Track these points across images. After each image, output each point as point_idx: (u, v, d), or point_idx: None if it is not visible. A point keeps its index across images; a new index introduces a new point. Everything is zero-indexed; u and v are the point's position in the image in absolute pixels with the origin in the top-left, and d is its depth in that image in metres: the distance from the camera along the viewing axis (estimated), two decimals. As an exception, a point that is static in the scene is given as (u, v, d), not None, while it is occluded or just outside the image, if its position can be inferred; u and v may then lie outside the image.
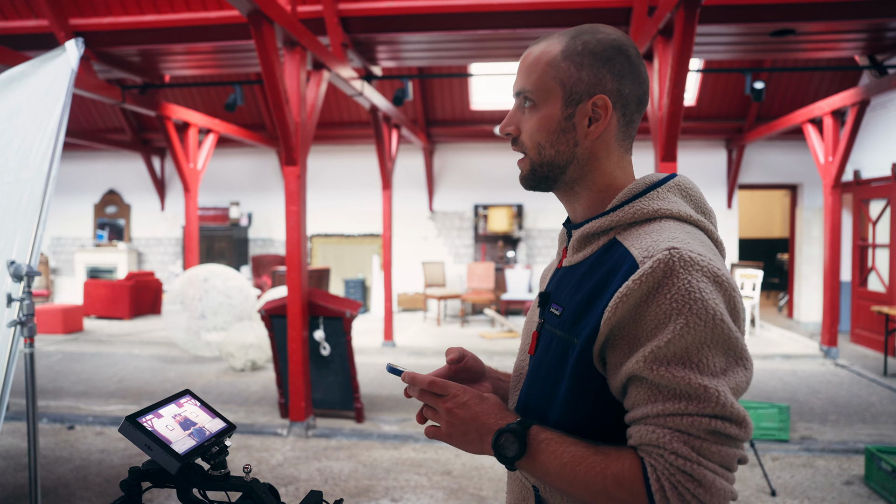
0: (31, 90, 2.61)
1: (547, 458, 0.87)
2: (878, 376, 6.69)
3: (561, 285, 1.02)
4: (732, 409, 0.79)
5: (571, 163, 0.99)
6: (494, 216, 10.73)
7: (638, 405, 0.84)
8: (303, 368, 4.88)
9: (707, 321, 0.80)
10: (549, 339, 0.99)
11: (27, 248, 2.32)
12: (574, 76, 0.96)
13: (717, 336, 0.81)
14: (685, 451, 0.78)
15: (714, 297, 0.81)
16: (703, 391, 0.79)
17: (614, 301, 0.84)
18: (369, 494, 3.87)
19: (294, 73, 4.89)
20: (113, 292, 10.66)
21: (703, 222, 0.95)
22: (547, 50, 0.98)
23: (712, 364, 0.81)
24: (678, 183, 0.99)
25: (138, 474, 1.05)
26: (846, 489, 3.94)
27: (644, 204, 0.94)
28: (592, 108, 0.96)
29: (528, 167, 1.02)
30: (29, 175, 2.46)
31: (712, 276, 0.82)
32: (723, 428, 0.79)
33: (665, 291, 0.81)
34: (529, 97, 0.99)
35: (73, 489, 3.93)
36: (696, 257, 0.82)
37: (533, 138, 1.00)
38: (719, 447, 0.79)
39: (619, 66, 0.96)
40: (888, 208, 7.93)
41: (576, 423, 0.91)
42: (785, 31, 5.84)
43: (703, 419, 0.79)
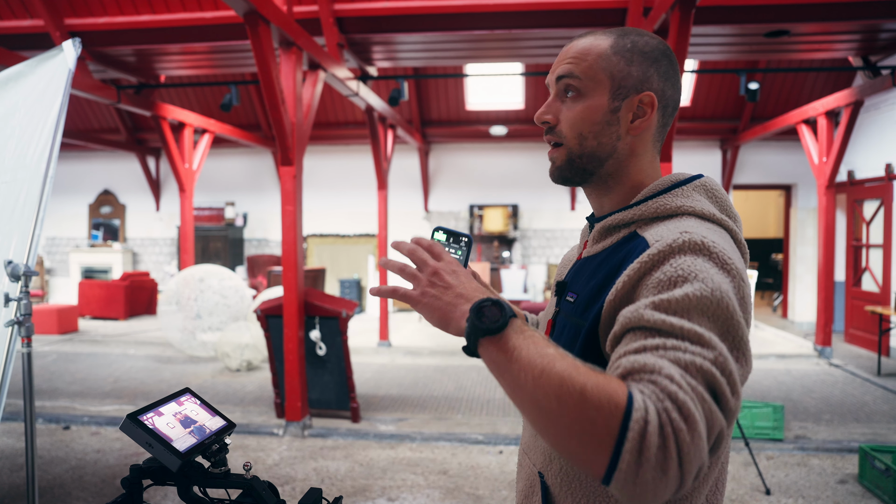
0: (28, 90, 2.61)
1: (524, 343, 0.75)
2: (872, 376, 6.72)
3: (578, 275, 1.03)
4: (733, 371, 0.71)
5: (611, 156, 0.98)
6: (490, 216, 10.74)
7: (631, 343, 0.75)
8: (299, 368, 4.88)
9: (711, 295, 0.75)
10: (563, 326, 1.00)
11: (24, 248, 2.32)
12: (624, 70, 0.96)
13: (717, 313, 0.75)
14: (679, 377, 0.68)
15: (721, 280, 0.77)
16: (707, 339, 0.72)
17: (620, 280, 0.84)
18: (366, 494, 3.87)
19: (290, 73, 4.89)
20: (108, 292, 10.63)
21: (727, 221, 0.93)
22: (595, 43, 0.98)
23: (704, 329, 0.74)
24: (704, 183, 0.99)
25: (139, 472, 1.06)
26: (840, 488, 3.97)
27: (667, 200, 0.94)
28: (638, 104, 0.97)
29: (565, 157, 1.00)
30: (26, 175, 2.46)
31: (721, 263, 0.80)
32: (719, 381, 0.69)
33: (671, 262, 0.79)
34: (575, 85, 0.98)
35: (69, 489, 3.92)
36: (708, 243, 0.81)
37: (575, 128, 0.98)
38: (710, 402, 0.68)
39: (665, 68, 0.98)
40: (882, 208, 7.98)
41: None
42: (779, 31, 5.87)
43: (704, 362, 0.70)
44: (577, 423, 0.67)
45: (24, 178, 2.47)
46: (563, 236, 11.00)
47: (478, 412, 5.51)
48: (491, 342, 0.77)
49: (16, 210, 2.45)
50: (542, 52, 7.02)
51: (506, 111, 10.29)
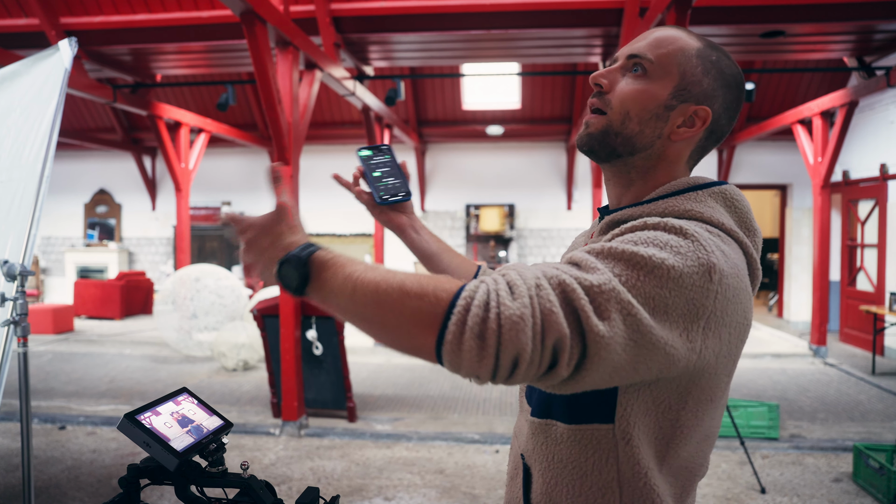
0: (24, 89, 2.61)
1: (335, 273, 0.79)
2: (867, 375, 6.76)
3: None
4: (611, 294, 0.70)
5: (645, 150, 0.95)
6: (486, 216, 10.75)
7: None
8: (295, 368, 4.88)
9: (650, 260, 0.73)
10: None
11: (20, 248, 2.31)
12: (697, 76, 0.94)
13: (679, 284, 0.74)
14: (528, 277, 0.70)
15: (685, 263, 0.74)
16: (592, 266, 0.73)
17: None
18: (362, 493, 3.87)
19: (286, 72, 4.89)
20: (104, 292, 10.60)
21: (739, 234, 0.88)
22: (685, 38, 0.95)
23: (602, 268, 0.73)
24: (723, 191, 0.93)
25: (137, 471, 1.06)
26: (835, 486, 3.99)
27: (678, 202, 0.90)
28: (692, 114, 0.94)
29: (602, 126, 0.96)
30: (22, 174, 2.45)
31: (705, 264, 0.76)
32: (578, 296, 0.69)
33: (647, 231, 0.80)
34: (644, 65, 0.94)
35: (64, 489, 3.91)
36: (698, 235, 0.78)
37: (625, 103, 0.94)
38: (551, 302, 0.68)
39: (733, 96, 0.96)
40: (876, 208, 8.01)
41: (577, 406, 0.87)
42: (775, 32, 5.88)
43: (570, 279, 0.70)
44: (403, 315, 0.71)
45: (20, 178, 2.47)
46: (560, 236, 11.01)
47: (474, 412, 5.51)
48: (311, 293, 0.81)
49: (11, 209, 2.45)
50: (538, 51, 7.04)
51: (502, 111, 10.30)
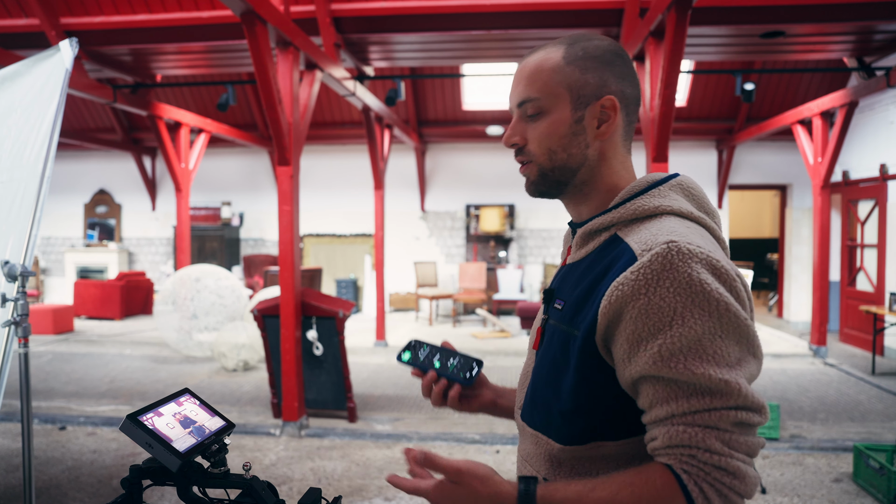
0: (25, 90, 2.61)
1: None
2: (867, 375, 6.76)
3: (564, 281, 1.03)
4: (754, 399, 0.80)
5: (583, 165, 1.00)
6: (486, 216, 10.74)
7: (657, 404, 0.83)
8: (295, 368, 4.88)
9: (713, 311, 0.80)
10: (553, 333, 1.00)
11: (21, 248, 2.31)
12: (581, 79, 0.97)
13: (727, 325, 0.81)
14: (717, 446, 0.79)
15: (717, 287, 0.81)
16: (724, 385, 0.79)
17: (610, 291, 0.85)
18: (362, 494, 3.87)
19: (287, 73, 4.89)
20: (103, 292, 10.60)
21: (705, 219, 0.95)
22: (547, 57, 0.99)
23: (728, 354, 0.81)
24: (680, 182, 1.00)
25: (139, 472, 1.06)
26: (835, 486, 3.99)
27: (645, 201, 0.95)
28: (601, 109, 0.98)
29: (537, 173, 1.01)
30: (22, 175, 2.45)
31: (711, 267, 0.82)
32: (747, 418, 0.80)
33: (666, 285, 0.81)
34: (535, 105, 0.99)
35: (65, 490, 3.91)
36: (694, 249, 0.82)
37: (542, 145, 0.99)
38: (745, 437, 0.80)
39: (620, 68, 0.99)
40: (876, 209, 8.01)
41: (585, 412, 0.92)
42: (775, 32, 5.89)
43: (730, 412, 0.79)
44: None
45: (20, 178, 2.47)
46: (560, 236, 11.01)
47: (474, 412, 5.50)
48: None
49: (12, 210, 2.45)
50: (538, 52, 7.02)
51: (502, 111, 10.30)
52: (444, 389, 1.11)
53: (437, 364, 1.12)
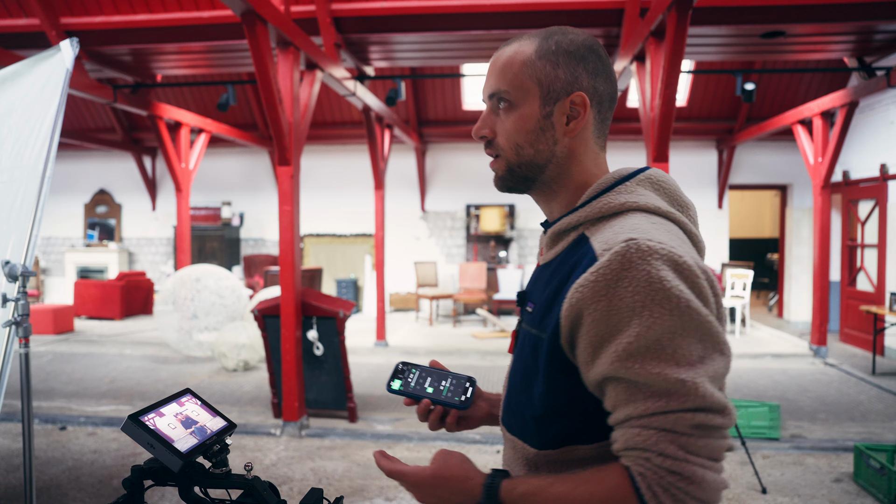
0: (26, 90, 2.61)
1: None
2: (867, 375, 6.75)
3: (536, 283, 1.02)
4: (713, 398, 0.77)
5: (551, 162, 0.98)
6: (486, 216, 10.74)
7: (618, 406, 0.82)
8: (296, 368, 4.88)
9: (673, 309, 0.78)
10: (525, 337, 0.99)
11: (22, 249, 2.31)
12: (551, 74, 0.95)
13: (687, 323, 0.79)
14: (672, 449, 0.77)
15: (677, 284, 0.79)
16: (681, 385, 0.77)
17: (571, 293, 0.84)
18: (363, 494, 3.87)
19: (287, 73, 4.89)
20: (104, 292, 10.60)
21: (674, 214, 0.93)
22: (519, 50, 0.97)
23: (688, 353, 0.78)
24: (649, 176, 0.98)
25: (141, 472, 1.06)
26: (835, 486, 3.99)
27: (611, 198, 0.93)
28: (570, 105, 0.96)
29: (505, 168, 1.01)
30: (23, 175, 2.45)
31: (673, 264, 0.80)
32: (706, 420, 0.77)
33: (625, 285, 0.79)
34: (505, 98, 0.98)
35: (65, 490, 3.91)
36: (654, 245, 0.80)
37: (510, 139, 0.98)
38: (706, 440, 0.78)
39: (593, 64, 0.97)
40: (876, 209, 8.01)
41: (557, 415, 0.91)
42: (775, 32, 5.89)
43: (687, 414, 0.77)
44: None
45: (21, 178, 2.47)
46: (560, 236, 10.99)
47: (475, 412, 5.50)
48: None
49: (13, 210, 2.45)
50: (538, 52, 7.02)
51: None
52: (441, 415, 1.10)
53: (429, 390, 1.09)
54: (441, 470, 0.93)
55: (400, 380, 1.11)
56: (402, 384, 1.10)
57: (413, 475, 0.94)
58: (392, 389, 1.10)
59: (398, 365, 1.13)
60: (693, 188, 10.50)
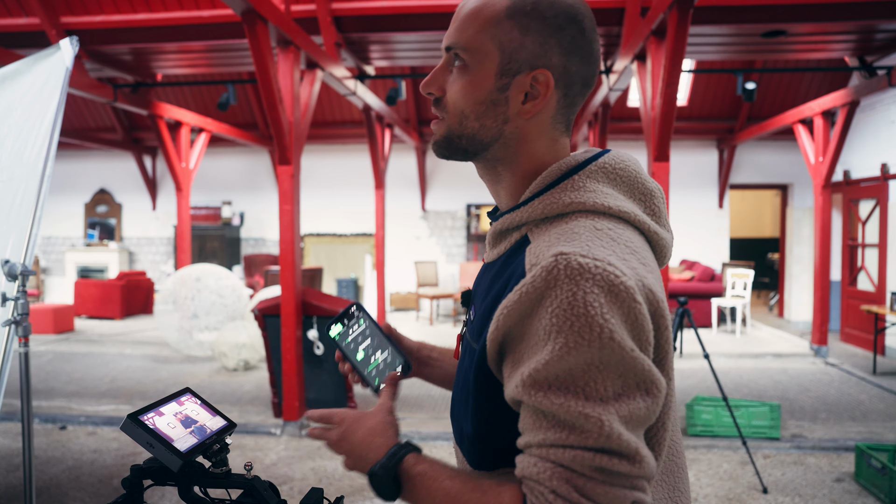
0: (25, 88, 2.60)
1: (419, 496, 0.80)
2: (868, 374, 6.75)
3: (479, 285, 0.93)
4: (619, 440, 0.67)
5: (497, 141, 0.85)
6: (487, 216, 10.73)
7: (524, 430, 0.73)
8: (296, 368, 4.87)
9: (593, 340, 0.67)
10: (466, 347, 0.91)
11: (21, 248, 2.31)
12: (516, 41, 0.80)
13: (606, 356, 0.68)
14: (565, 489, 0.67)
15: (605, 312, 0.67)
16: (583, 420, 0.67)
17: (497, 313, 0.74)
18: (363, 493, 3.87)
19: (288, 72, 4.89)
20: (104, 292, 10.60)
21: (628, 213, 0.80)
22: (490, 3, 0.82)
23: (601, 388, 0.68)
24: (603, 165, 0.84)
25: (140, 472, 1.05)
26: (836, 486, 3.98)
27: (556, 196, 0.80)
28: (532, 82, 0.82)
29: (444, 132, 0.87)
30: (23, 174, 2.45)
31: (607, 286, 0.68)
32: (609, 464, 0.67)
33: (547, 305, 0.69)
34: (461, 56, 0.83)
35: (65, 489, 3.91)
36: (587, 263, 0.69)
37: (456, 104, 0.84)
38: (606, 487, 0.67)
39: (570, 38, 0.81)
40: (877, 208, 8.00)
41: (486, 436, 0.82)
42: (776, 32, 5.88)
43: (587, 453, 0.67)
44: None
45: (20, 177, 2.46)
46: (560, 236, 10.99)
47: (475, 411, 5.50)
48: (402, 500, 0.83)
49: (13, 209, 2.44)
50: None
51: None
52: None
53: (359, 355, 0.99)
54: (367, 417, 0.90)
55: (343, 326, 1.00)
56: (341, 334, 1.00)
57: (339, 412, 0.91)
58: (329, 336, 0.99)
59: (352, 307, 1.02)
60: (693, 187, 10.50)
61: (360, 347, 0.99)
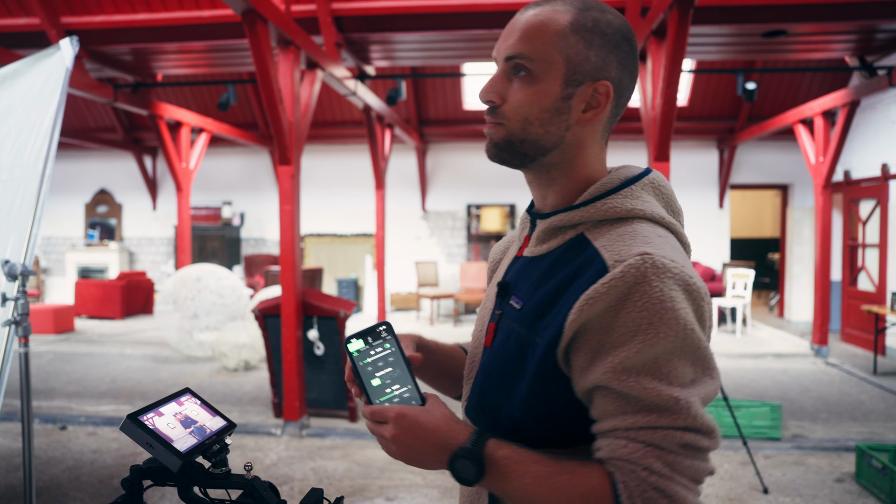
0: (25, 89, 2.60)
1: (507, 478, 0.82)
2: (868, 375, 6.75)
3: (522, 277, 0.97)
4: (703, 420, 0.77)
5: (557, 147, 0.92)
6: (487, 216, 10.74)
7: (606, 416, 0.81)
8: (297, 368, 4.87)
9: (678, 331, 0.77)
10: (508, 333, 0.94)
11: (21, 248, 2.31)
12: (581, 54, 0.88)
13: (686, 346, 0.78)
14: (658, 466, 0.76)
15: (685, 307, 0.78)
16: (673, 403, 0.76)
17: (580, 303, 0.80)
18: (364, 493, 3.87)
19: (288, 72, 4.89)
20: (104, 292, 10.60)
21: (675, 224, 0.91)
22: (553, 17, 0.88)
23: (682, 375, 0.78)
24: (652, 180, 0.95)
25: (140, 472, 1.05)
26: (837, 486, 3.98)
27: (618, 202, 0.89)
28: (593, 93, 0.89)
29: (504, 136, 0.92)
30: (23, 174, 2.45)
31: (684, 284, 0.79)
32: (694, 441, 0.77)
33: (636, 299, 0.77)
34: (526, 66, 0.89)
35: (65, 489, 3.91)
36: (668, 264, 0.79)
37: (520, 111, 0.90)
38: (691, 461, 0.78)
39: (625, 54, 0.90)
40: (877, 208, 8.00)
41: (536, 419, 0.88)
42: (776, 32, 5.88)
43: (676, 432, 0.77)
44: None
45: (20, 177, 2.46)
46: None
47: (475, 412, 5.50)
48: (480, 484, 0.84)
49: (13, 209, 2.44)
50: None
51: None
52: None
53: (374, 382, 0.89)
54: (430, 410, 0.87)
55: (366, 344, 0.91)
56: (361, 352, 0.90)
57: (394, 411, 0.85)
58: (348, 349, 0.90)
59: (381, 325, 0.93)
60: (694, 188, 10.50)
61: (377, 374, 0.90)
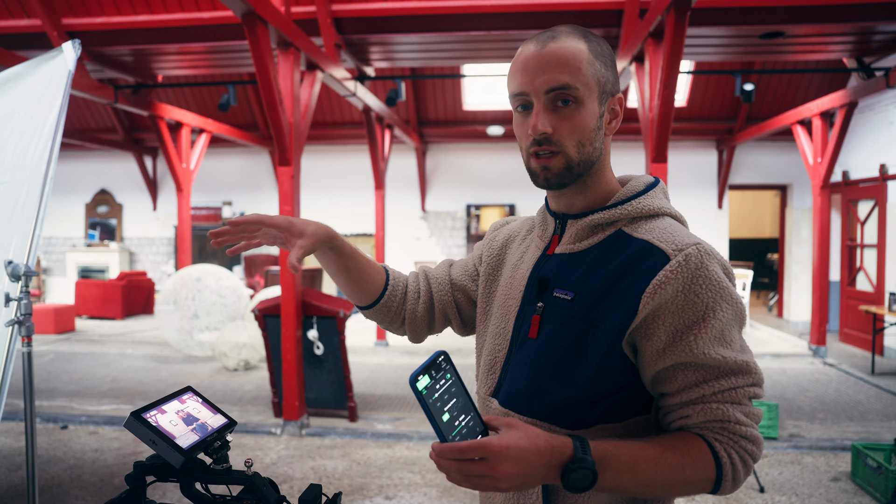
0: (28, 91, 2.63)
1: (621, 472, 0.88)
2: (866, 375, 6.77)
3: (565, 271, 1.05)
4: (760, 374, 0.95)
5: (598, 159, 1.05)
6: (487, 216, 10.76)
7: (688, 387, 0.94)
8: (296, 368, 4.90)
9: (733, 304, 0.94)
10: (560, 323, 1.01)
11: (24, 248, 2.33)
12: (604, 75, 1.02)
13: (738, 315, 0.95)
14: (742, 418, 0.93)
15: (729, 283, 0.95)
16: (745, 366, 0.93)
17: (652, 287, 0.92)
18: (363, 493, 3.89)
19: (288, 73, 4.91)
20: (105, 292, 10.62)
21: (686, 223, 1.08)
22: (577, 47, 1.00)
23: (739, 339, 0.95)
24: (662, 187, 1.10)
25: (143, 468, 1.08)
26: (833, 485, 4.00)
27: (648, 202, 1.04)
28: (615, 105, 1.05)
29: (564, 165, 1.01)
30: (25, 175, 2.47)
31: (723, 267, 0.96)
32: (756, 392, 0.95)
33: (700, 282, 0.92)
34: (572, 94, 0.98)
35: (67, 488, 3.93)
36: (713, 250, 0.96)
37: (573, 136, 1.00)
38: (755, 409, 0.95)
39: (616, 70, 1.07)
40: (876, 209, 8.02)
41: (595, 398, 0.98)
42: (774, 33, 5.90)
43: (749, 388, 0.94)
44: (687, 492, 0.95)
45: (23, 179, 2.49)
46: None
47: (474, 411, 5.52)
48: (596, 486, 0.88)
49: (16, 210, 2.47)
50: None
51: (503, 111, 10.31)
52: None
53: (445, 416, 0.85)
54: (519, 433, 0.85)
55: (430, 379, 0.86)
56: (429, 388, 0.85)
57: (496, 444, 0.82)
58: (416, 388, 0.84)
59: (440, 356, 0.89)
60: (693, 188, 10.52)
61: (445, 408, 0.86)
